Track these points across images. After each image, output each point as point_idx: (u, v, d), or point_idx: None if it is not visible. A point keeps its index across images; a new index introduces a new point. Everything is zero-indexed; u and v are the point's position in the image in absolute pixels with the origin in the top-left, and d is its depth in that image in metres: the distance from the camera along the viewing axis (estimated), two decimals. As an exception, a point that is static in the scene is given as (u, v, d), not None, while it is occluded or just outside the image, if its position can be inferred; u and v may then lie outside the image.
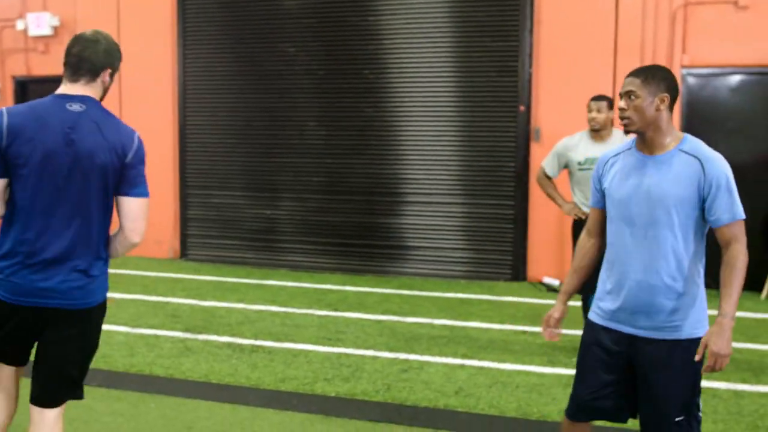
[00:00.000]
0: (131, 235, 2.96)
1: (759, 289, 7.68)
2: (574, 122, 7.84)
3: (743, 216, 2.76)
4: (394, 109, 8.69)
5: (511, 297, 7.63)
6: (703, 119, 7.89)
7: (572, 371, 5.17)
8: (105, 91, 2.96)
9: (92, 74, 2.88)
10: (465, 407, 4.59)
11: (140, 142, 2.94)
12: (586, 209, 5.57)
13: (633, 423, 3.09)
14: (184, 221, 9.64)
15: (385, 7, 8.62)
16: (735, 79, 7.88)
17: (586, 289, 5.66)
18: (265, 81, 9.14)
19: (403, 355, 5.56)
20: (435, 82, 8.50)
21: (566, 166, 5.70)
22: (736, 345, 5.88)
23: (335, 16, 8.82)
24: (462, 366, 5.33)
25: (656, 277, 2.80)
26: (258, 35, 9.14)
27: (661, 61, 7.79)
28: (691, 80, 7.95)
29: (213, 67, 9.37)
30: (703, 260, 2.84)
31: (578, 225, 5.64)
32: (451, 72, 8.47)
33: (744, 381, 5.07)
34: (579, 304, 6.21)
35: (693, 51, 7.81)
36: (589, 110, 5.55)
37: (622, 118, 2.86)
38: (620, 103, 2.85)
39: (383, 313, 6.88)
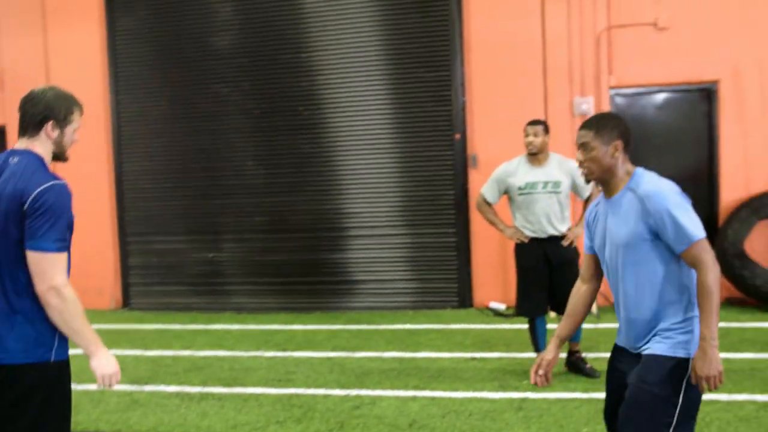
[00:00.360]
0: (41, 294, 2.71)
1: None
2: (510, 147, 7.96)
3: (699, 236, 2.73)
4: (331, 144, 8.72)
5: (458, 324, 7.66)
6: (633, 137, 8.08)
7: (523, 394, 5.23)
8: (58, 144, 2.89)
9: (33, 128, 2.84)
10: (419, 439, 4.57)
11: (47, 191, 2.70)
12: (528, 233, 5.65)
13: None
14: (125, 269, 9.47)
15: (317, 43, 8.68)
16: (660, 96, 8.14)
17: (537, 310, 5.74)
18: (201, 123, 9.09)
19: (354, 391, 5.53)
20: (370, 115, 8.57)
21: (506, 192, 5.77)
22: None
23: (267, 55, 8.84)
24: (414, 398, 5.32)
25: (641, 313, 2.86)
26: (190, 77, 9.10)
27: (589, 83, 8.02)
28: (618, 100, 8.17)
29: (147, 111, 9.28)
30: (694, 279, 2.82)
31: (521, 249, 5.71)
32: (385, 104, 8.55)
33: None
34: (524, 326, 6.28)
35: (619, 72, 8.04)
36: (526, 135, 5.63)
37: (581, 168, 2.99)
38: (578, 155, 2.98)
39: (332, 349, 6.84)
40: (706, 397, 4.97)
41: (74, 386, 5.87)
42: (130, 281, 9.47)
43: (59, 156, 2.94)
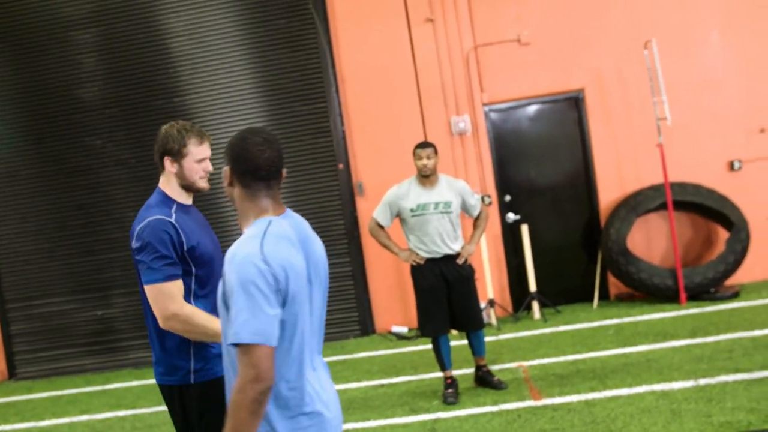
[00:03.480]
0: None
1: (591, 299, 8.13)
2: (393, 171, 8.08)
3: (244, 340, 2.06)
4: (214, 185, 8.53)
5: (363, 353, 7.62)
6: (511, 151, 8.34)
7: (435, 415, 5.24)
8: (178, 176, 3.05)
9: (158, 164, 3.07)
10: (337, 475, 4.49)
11: (142, 227, 2.90)
12: (423, 254, 5.69)
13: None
14: (8, 338, 8.94)
15: (189, 87, 8.54)
16: (532, 109, 8.39)
17: (439, 330, 5.76)
18: (75, 178, 8.75)
19: (265, 434, 5.39)
20: (252, 153, 8.46)
21: (398, 214, 5.80)
22: (578, 356, 6.20)
23: (138, 102, 8.62)
24: (327, 433, 5.22)
25: None
26: (60, 132, 8.75)
27: (463, 102, 8.22)
28: (493, 116, 8.38)
29: (16, 171, 8.86)
30: None
31: (417, 270, 5.74)
32: (266, 141, 8.45)
33: (592, 389, 5.31)
34: (428, 347, 6.30)
35: (490, 89, 8.26)
36: (418, 158, 5.65)
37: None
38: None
39: (238, 394, 6.64)
40: (610, 393, 5.14)
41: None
42: (14, 350, 8.95)
43: (187, 188, 3.10)
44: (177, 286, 2.87)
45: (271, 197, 2.29)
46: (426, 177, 5.68)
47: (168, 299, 2.84)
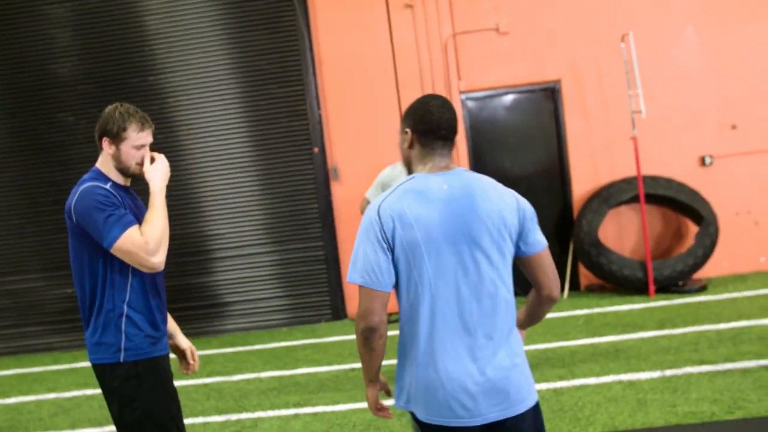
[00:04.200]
0: None
1: (561, 289, 8.18)
2: (370, 156, 8.09)
3: (355, 281, 2.38)
4: (188, 167, 8.49)
5: (334, 337, 7.63)
6: (486, 140, 8.36)
7: (404, 400, 5.25)
8: (114, 158, 2.99)
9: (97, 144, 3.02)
10: (305, 457, 4.50)
11: (76, 200, 2.88)
12: None
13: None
14: (-25, 315, 8.85)
15: (165, 65, 8.44)
16: (508, 98, 8.40)
17: None
18: (47, 154, 8.64)
19: (234, 416, 5.39)
20: (226, 135, 8.41)
21: None
22: (548, 345, 6.25)
23: (113, 79, 8.51)
24: (296, 415, 5.24)
25: None
26: (32, 107, 8.63)
27: (440, 89, 8.20)
28: (470, 104, 8.39)
29: (-14, 146, 8.74)
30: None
31: None
32: (241, 123, 8.42)
33: (561, 378, 5.36)
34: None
35: (468, 77, 8.26)
36: None
37: None
38: None
39: (208, 375, 6.64)
40: (578, 382, 5.19)
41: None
42: (-19, 327, 8.86)
43: (123, 172, 3.02)
44: (136, 230, 2.85)
45: (444, 156, 2.44)
46: None
47: (139, 246, 2.80)
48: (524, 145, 8.38)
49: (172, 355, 3.20)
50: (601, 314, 7.18)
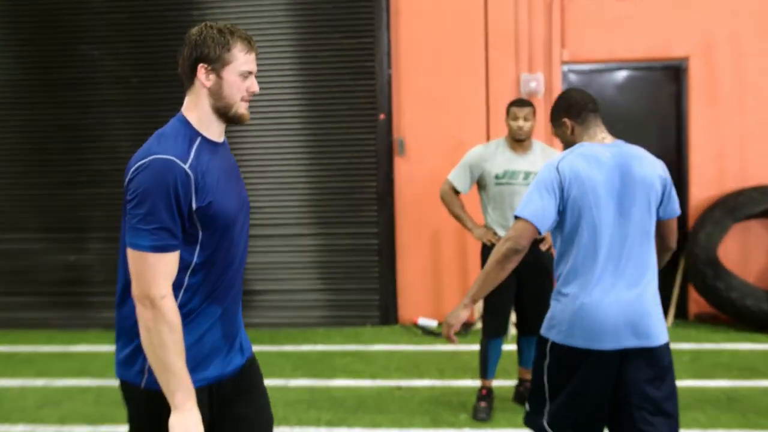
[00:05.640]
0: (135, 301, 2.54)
1: (665, 314, 7.94)
2: (442, 129, 7.95)
3: (523, 215, 3.36)
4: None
5: (381, 345, 7.57)
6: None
7: (460, 431, 5.10)
8: (213, 94, 2.63)
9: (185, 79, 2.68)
10: (336, 492, 4.39)
11: (141, 166, 2.48)
12: (501, 231, 5.50)
13: None
14: (-41, 276, 8.96)
15: (212, 0, 8.39)
16: (621, 74, 8.27)
17: (503, 329, 5.63)
18: (63, 93, 8.67)
19: (253, 430, 5.29)
20: (276, 90, 8.33)
21: (478, 181, 5.66)
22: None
23: (149, 11, 8.50)
24: (328, 437, 5.15)
25: None
26: (50, 35, 8.66)
27: (539, 57, 8.09)
28: (573, 77, 8.26)
29: (-7, 77, 8.82)
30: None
31: (487, 251, 5.54)
32: (294, 77, 8.35)
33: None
34: (459, 348, 6.17)
35: (573, 45, 8.11)
36: (513, 117, 5.52)
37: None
38: None
39: (226, 376, 6.57)
40: (684, 435, 4.99)
41: None
42: (-35, 291, 8.97)
43: (224, 112, 2.68)
44: (166, 261, 2.48)
45: (599, 125, 3.51)
46: (519, 141, 5.55)
47: (151, 276, 2.46)
48: (635, 134, 8.06)
49: None
50: (713, 352, 7.00)
